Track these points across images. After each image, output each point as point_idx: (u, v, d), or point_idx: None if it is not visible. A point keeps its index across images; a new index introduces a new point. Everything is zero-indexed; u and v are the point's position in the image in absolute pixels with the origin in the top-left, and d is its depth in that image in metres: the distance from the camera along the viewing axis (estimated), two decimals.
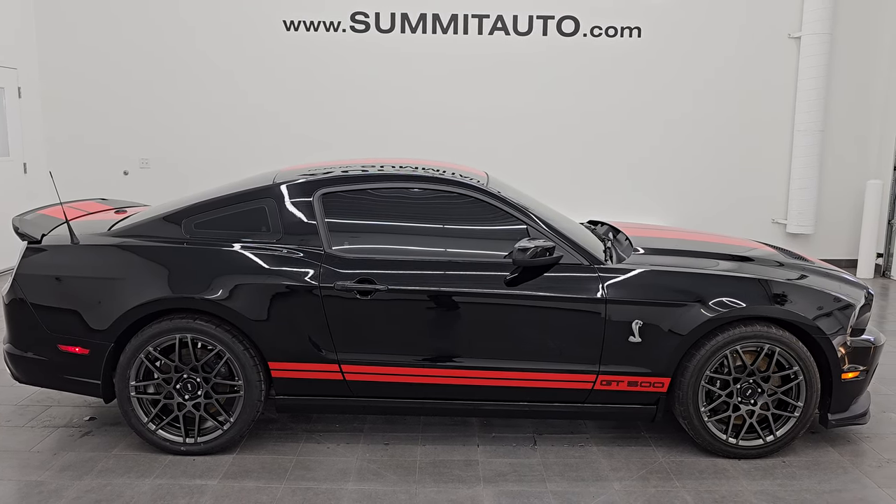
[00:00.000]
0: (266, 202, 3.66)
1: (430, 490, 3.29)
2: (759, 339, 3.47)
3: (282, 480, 3.36)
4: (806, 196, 8.32)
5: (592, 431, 3.93)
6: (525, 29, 8.30)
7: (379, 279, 3.48)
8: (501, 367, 3.53)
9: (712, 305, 3.45)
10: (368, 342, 3.52)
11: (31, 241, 3.63)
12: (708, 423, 3.55)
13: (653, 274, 3.56)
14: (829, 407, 3.61)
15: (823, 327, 3.50)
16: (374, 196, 3.71)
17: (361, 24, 8.26)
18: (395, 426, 3.96)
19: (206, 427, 3.60)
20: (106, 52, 8.29)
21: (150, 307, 3.47)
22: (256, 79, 8.35)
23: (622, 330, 3.47)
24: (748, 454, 3.59)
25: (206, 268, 3.51)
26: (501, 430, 3.92)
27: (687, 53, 8.35)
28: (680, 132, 8.50)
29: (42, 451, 3.63)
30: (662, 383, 3.53)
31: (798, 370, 3.50)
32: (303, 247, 3.57)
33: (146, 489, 3.26)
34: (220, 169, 8.25)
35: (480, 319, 3.51)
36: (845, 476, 3.45)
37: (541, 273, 3.52)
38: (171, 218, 3.68)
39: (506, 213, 3.65)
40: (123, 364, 3.50)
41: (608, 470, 3.50)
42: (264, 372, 3.57)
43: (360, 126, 8.42)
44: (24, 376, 3.71)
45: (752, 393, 3.54)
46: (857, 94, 8.44)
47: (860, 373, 3.61)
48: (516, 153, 8.45)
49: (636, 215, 8.34)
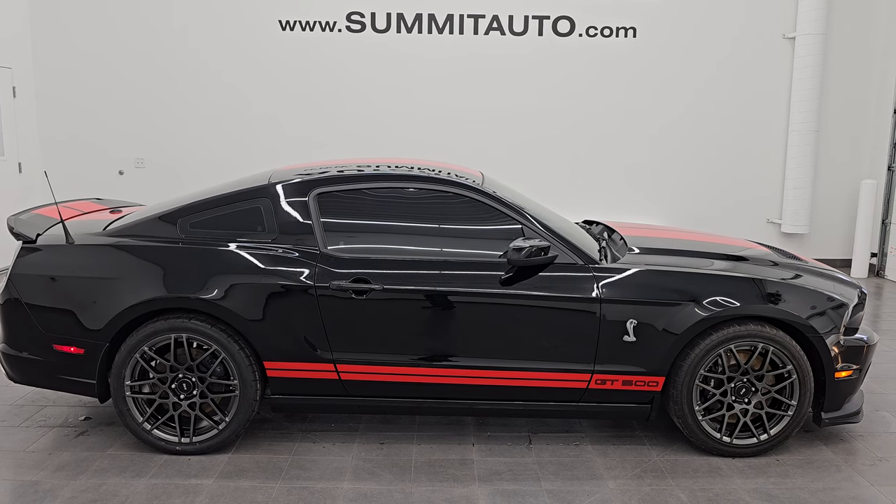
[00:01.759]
0: (262, 202, 3.66)
1: (425, 489, 3.30)
2: (752, 339, 3.48)
3: (277, 480, 3.36)
4: (800, 196, 8.36)
5: (587, 430, 3.95)
6: (521, 29, 8.31)
7: (374, 279, 3.48)
8: (496, 366, 3.54)
9: (706, 305, 3.47)
10: (364, 342, 3.53)
11: (26, 240, 3.62)
12: (702, 422, 3.56)
13: (647, 273, 3.57)
14: (823, 406, 3.63)
15: (817, 326, 3.51)
16: (370, 196, 3.72)
17: (357, 23, 8.26)
18: (390, 425, 3.96)
19: (202, 427, 3.60)
20: (101, 51, 8.28)
21: (145, 307, 3.46)
22: (251, 78, 8.34)
23: (617, 329, 3.48)
24: (742, 453, 3.61)
25: (202, 267, 3.51)
26: (496, 430, 3.93)
27: (682, 54, 8.38)
28: (675, 132, 8.52)
29: (37, 451, 3.63)
30: (657, 382, 3.54)
31: (791, 369, 3.52)
32: (298, 246, 3.57)
33: (141, 489, 3.26)
34: (215, 168, 8.25)
35: (475, 319, 3.52)
36: (839, 474, 3.47)
37: (536, 273, 3.52)
38: (167, 217, 3.68)
39: (501, 213, 3.66)
40: (119, 364, 3.50)
41: (603, 469, 3.51)
42: (260, 371, 3.57)
43: (355, 126, 8.42)
44: (20, 376, 3.70)
45: (745, 392, 3.56)
46: (852, 95, 8.48)
47: (853, 371, 3.64)
48: (512, 153, 8.46)
49: (631, 215, 8.37)
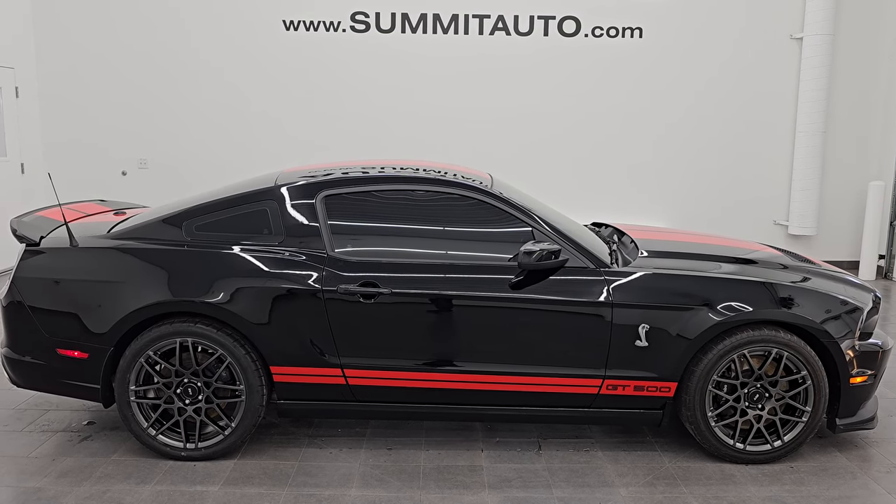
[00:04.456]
0: (268, 204, 3.62)
1: (434, 496, 3.25)
2: (766, 343, 3.43)
3: (284, 486, 3.31)
4: (807, 197, 8.30)
5: (598, 436, 3.89)
6: (526, 29, 8.26)
7: (382, 282, 3.43)
8: (506, 371, 3.49)
9: (720, 309, 3.41)
10: (372, 346, 3.48)
11: (29, 243, 3.58)
12: (715, 428, 3.51)
13: (659, 277, 3.52)
14: (837, 411, 3.57)
15: (831, 331, 3.46)
16: (377, 198, 3.67)
17: (361, 24, 8.22)
18: (397, 431, 3.91)
19: (207, 432, 3.55)
20: (104, 52, 8.24)
21: (150, 311, 3.42)
22: (255, 79, 8.30)
23: (628, 334, 3.43)
24: (756, 459, 3.55)
25: (207, 271, 3.46)
26: (505, 435, 3.88)
27: (688, 54, 8.32)
28: (681, 133, 8.46)
29: (40, 457, 3.58)
30: (669, 388, 3.49)
31: (806, 374, 3.46)
32: (305, 250, 3.52)
33: (146, 495, 3.21)
34: (217, 169, 8.21)
35: (485, 323, 3.47)
36: (854, 482, 3.42)
37: (546, 276, 3.47)
38: (172, 220, 3.63)
39: (510, 216, 3.61)
40: (123, 368, 3.45)
41: (614, 476, 3.46)
42: (266, 376, 3.52)
43: (359, 127, 8.37)
44: (22, 380, 3.66)
45: (759, 397, 3.51)
46: (859, 96, 8.42)
47: (868, 377, 3.58)
48: (517, 154, 8.41)
49: (637, 216, 8.31)
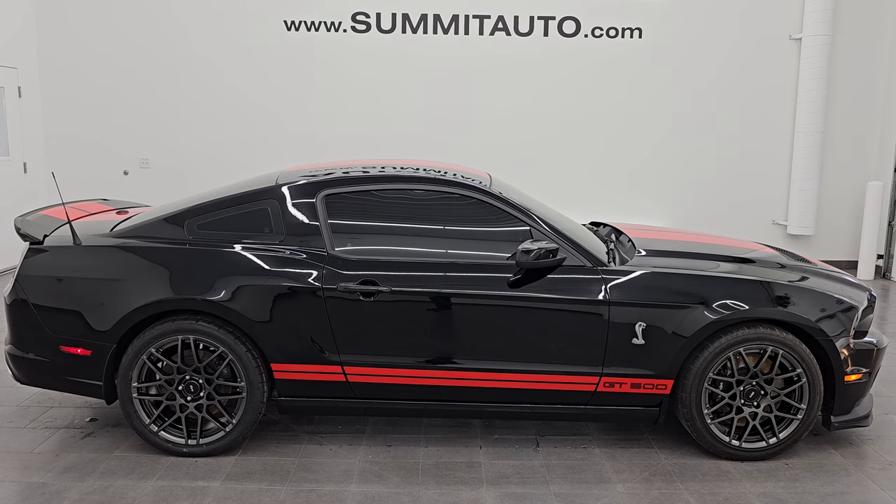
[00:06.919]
0: (269, 203, 3.65)
1: (433, 492, 3.28)
2: (762, 342, 3.47)
3: (284, 482, 3.35)
4: (806, 197, 8.33)
5: (595, 433, 3.93)
6: (526, 30, 8.29)
7: (382, 281, 3.47)
8: (504, 368, 3.52)
9: (716, 307, 3.45)
10: (371, 344, 3.52)
11: (33, 241, 3.62)
12: (711, 426, 3.55)
13: (656, 276, 3.55)
14: (832, 409, 3.61)
15: (826, 329, 3.49)
16: (377, 197, 3.70)
17: (362, 24, 8.25)
18: (397, 428, 3.95)
19: (209, 428, 3.59)
20: (106, 51, 8.28)
21: (152, 308, 3.46)
22: (256, 78, 8.33)
23: (625, 332, 3.47)
24: (751, 456, 3.59)
25: (209, 269, 3.50)
26: (504, 432, 3.92)
27: (688, 54, 8.35)
28: (681, 133, 8.49)
29: (44, 453, 3.62)
30: (665, 385, 3.52)
31: (801, 372, 3.50)
32: (305, 248, 3.56)
33: (148, 491, 3.25)
34: (219, 169, 8.26)
35: (483, 321, 3.51)
36: (848, 478, 3.45)
37: (544, 275, 3.51)
38: (174, 219, 3.67)
39: (509, 215, 3.65)
40: (125, 365, 3.49)
41: (611, 472, 3.50)
42: (267, 373, 3.56)
43: (360, 126, 8.41)
44: (26, 377, 3.70)
45: (754, 395, 3.54)
46: (858, 96, 8.44)
47: (863, 375, 3.62)
48: (517, 154, 8.44)
49: (637, 216, 8.35)
